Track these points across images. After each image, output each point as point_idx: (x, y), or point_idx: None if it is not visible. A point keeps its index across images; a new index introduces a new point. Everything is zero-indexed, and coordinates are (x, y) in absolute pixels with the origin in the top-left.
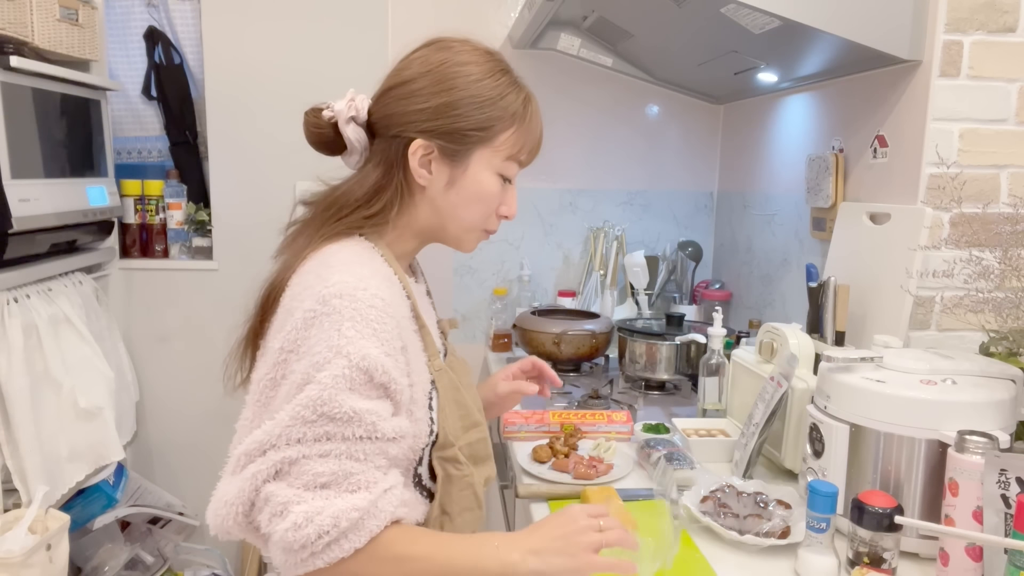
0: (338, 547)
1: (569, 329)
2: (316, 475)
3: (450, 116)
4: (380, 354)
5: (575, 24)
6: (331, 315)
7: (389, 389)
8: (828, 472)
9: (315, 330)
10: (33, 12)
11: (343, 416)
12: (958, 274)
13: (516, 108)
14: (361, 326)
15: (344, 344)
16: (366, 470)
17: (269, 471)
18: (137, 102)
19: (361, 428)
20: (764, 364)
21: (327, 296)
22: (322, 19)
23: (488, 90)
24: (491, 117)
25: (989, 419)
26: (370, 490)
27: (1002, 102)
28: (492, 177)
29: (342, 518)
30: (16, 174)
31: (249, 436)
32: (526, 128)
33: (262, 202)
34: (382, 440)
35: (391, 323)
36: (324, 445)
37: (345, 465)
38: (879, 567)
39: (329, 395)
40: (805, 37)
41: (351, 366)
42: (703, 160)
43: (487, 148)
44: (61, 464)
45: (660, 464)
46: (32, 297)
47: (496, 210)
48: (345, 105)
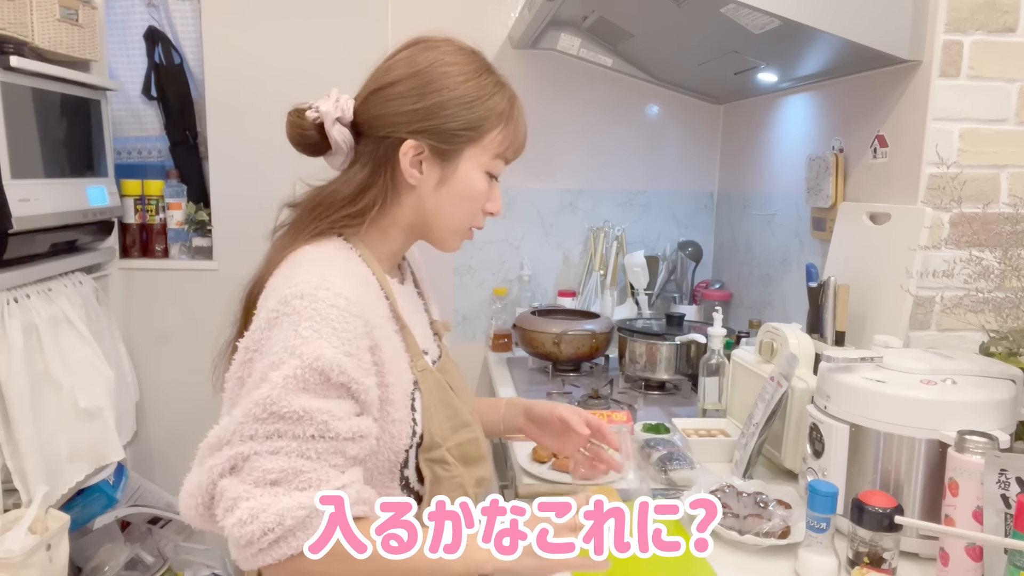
0: (285, 544)
1: (569, 329)
2: (266, 472)
3: (440, 116)
4: (337, 354)
5: (575, 24)
6: (290, 315)
7: (350, 389)
8: (828, 472)
9: (276, 331)
10: (33, 12)
11: (292, 415)
12: (958, 274)
13: (503, 107)
14: (320, 326)
15: (299, 344)
16: (317, 468)
17: (224, 466)
18: (137, 102)
19: (312, 427)
20: (764, 364)
21: (288, 296)
22: (322, 19)
23: (476, 89)
24: (480, 116)
25: (989, 419)
26: (320, 488)
27: (1002, 102)
28: (480, 175)
29: (287, 516)
30: (16, 174)
31: (211, 431)
32: (512, 126)
33: (262, 202)
34: (336, 439)
35: (355, 323)
36: (275, 443)
37: (295, 463)
38: (879, 567)
39: (278, 394)
40: (805, 37)
41: (303, 366)
42: (703, 160)
43: (476, 147)
44: (61, 464)
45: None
46: (32, 297)
47: (483, 207)
48: (331, 106)
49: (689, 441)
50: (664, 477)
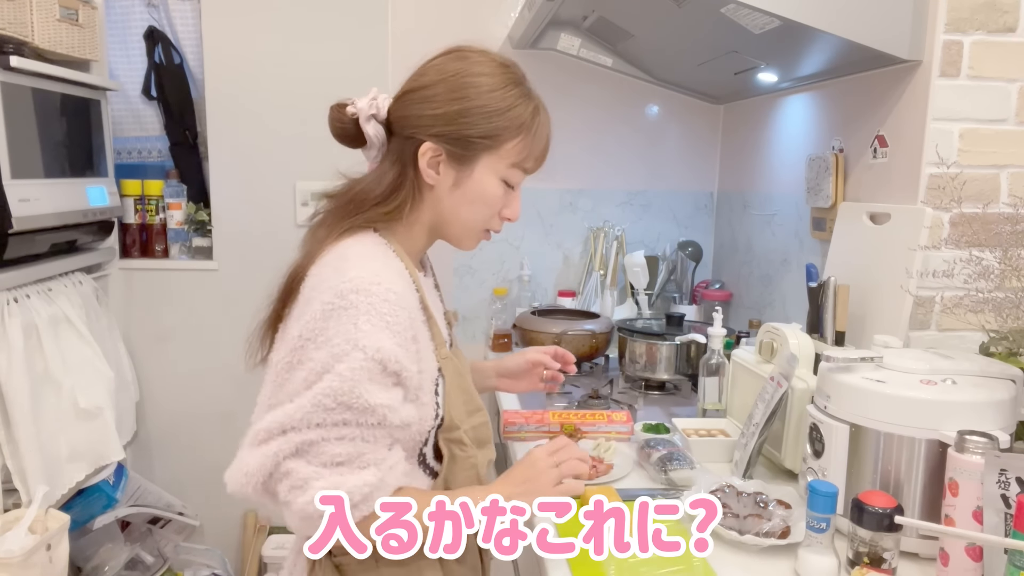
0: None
1: (569, 329)
2: (333, 455)
3: (460, 123)
4: (393, 345)
5: (575, 24)
6: (348, 309)
7: (401, 377)
8: (828, 472)
9: (333, 322)
10: (33, 12)
11: (360, 407)
12: (958, 274)
13: (524, 119)
14: (375, 320)
15: (360, 337)
16: (375, 450)
17: (290, 449)
18: (137, 102)
19: (374, 418)
20: (764, 364)
21: (344, 291)
22: (322, 19)
23: (498, 101)
24: (498, 127)
25: (989, 419)
26: (379, 467)
27: (1002, 102)
28: (496, 182)
29: (356, 493)
30: (16, 174)
31: (269, 415)
32: (532, 138)
33: (262, 202)
34: (391, 427)
35: (404, 315)
36: (341, 430)
37: (359, 447)
38: (879, 567)
39: (349, 387)
40: (805, 37)
41: (367, 359)
42: (703, 160)
43: (493, 155)
44: (61, 464)
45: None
46: (32, 297)
47: (499, 212)
48: (367, 103)
49: (689, 441)
50: (664, 477)
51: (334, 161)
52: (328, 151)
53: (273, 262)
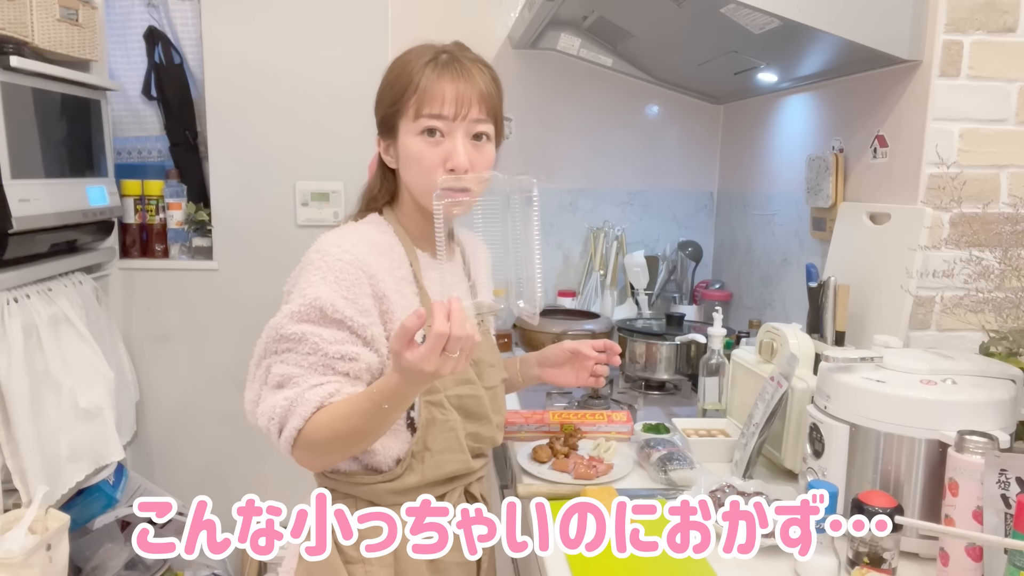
0: (285, 433)
1: (569, 329)
2: (274, 376)
3: (380, 108)
4: (332, 295)
5: (575, 24)
6: (307, 266)
7: (346, 324)
8: (828, 472)
9: (298, 278)
10: (33, 12)
11: (292, 336)
12: (958, 274)
13: (414, 76)
14: (324, 274)
15: (306, 287)
16: (305, 374)
17: (261, 377)
18: (137, 102)
19: (306, 346)
20: (764, 364)
21: (311, 252)
22: (322, 19)
23: (391, 76)
24: (395, 95)
25: (989, 419)
26: (299, 385)
27: (1002, 102)
28: (413, 139)
29: (277, 407)
30: (16, 174)
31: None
32: (425, 83)
33: (262, 202)
34: (326, 356)
35: (356, 274)
36: (283, 356)
37: (291, 370)
38: (879, 567)
39: (284, 323)
40: (805, 37)
41: (305, 304)
42: (703, 160)
43: (404, 118)
44: (61, 464)
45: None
46: (32, 297)
47: (441, 165)
48: None
49: (689, 441)
50: (664, 477)
51: (334, 161)
52: (328, 151)
53: (273, 262)
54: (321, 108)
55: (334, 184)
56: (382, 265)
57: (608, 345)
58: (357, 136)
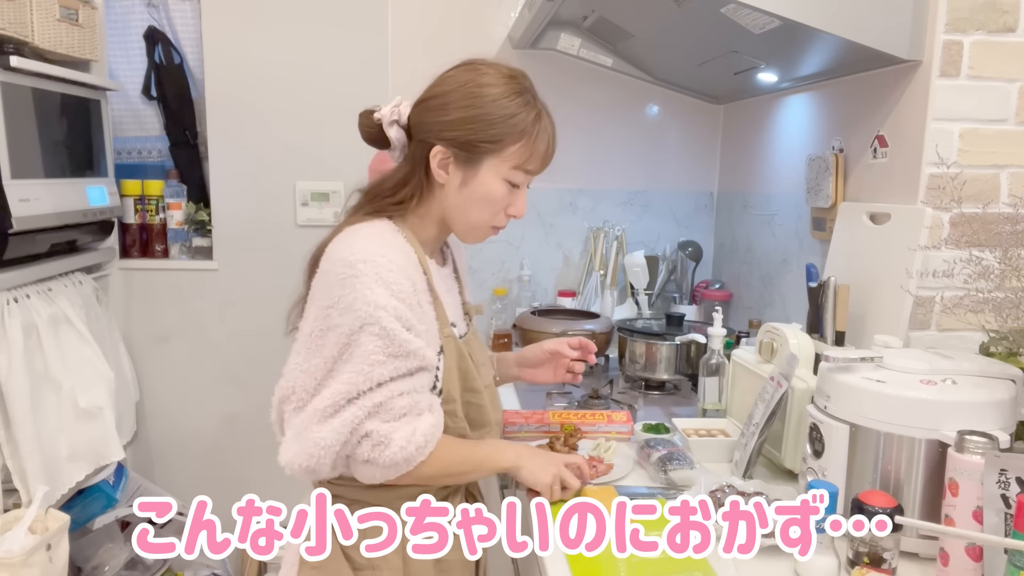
0: (424, 453)
1: (569, 329)
2: (400, 409)
3: (466, 129)
4: (400, 304)
5: (575, 24)
6: (359, 276)
7: (416, 330)
8: (828, 472)
9: (348, 289)
10: (33, 12)
11: (405, 352)
12: (958, 274)
13: (525, 125)
14: (384, 284)
15: (377, 299)
16: (425, 395)
17: (363, 414)
18: (137, 102)
19: (416, 361)
20: (764, 364)
21: (354, 261)
22: (322, 19)
23: (501, 109)
24: (501, 132)
25: (989, 419)
26: (432, 410)
27: (1002, 102)
28: (499, 183)
29: (429, 433)
30: (16, 174)
31: (327, 391)
32: (533, 142)
33: (262, 202)
34: (428, 369)
35: (407, 283)
36: (400, 384)
37: (414, 398)
38: (879, 567)
39: (390, 339)
40: (805, 37)
41: (390, 316)
42: (703, 160)
43: (496, 158)
44: (61, 464)
45: None
46: (32, 297)
47: (504, 210)
48: (389, 110)
49: (689, 441)
50: (664, 477)
51: (334, 161)
52: (328, 151)
53: (273, 262)
54: (321, 108)
55: (334, 184)
56: (414, 276)
57: (583, 343)
58: (357, 136)
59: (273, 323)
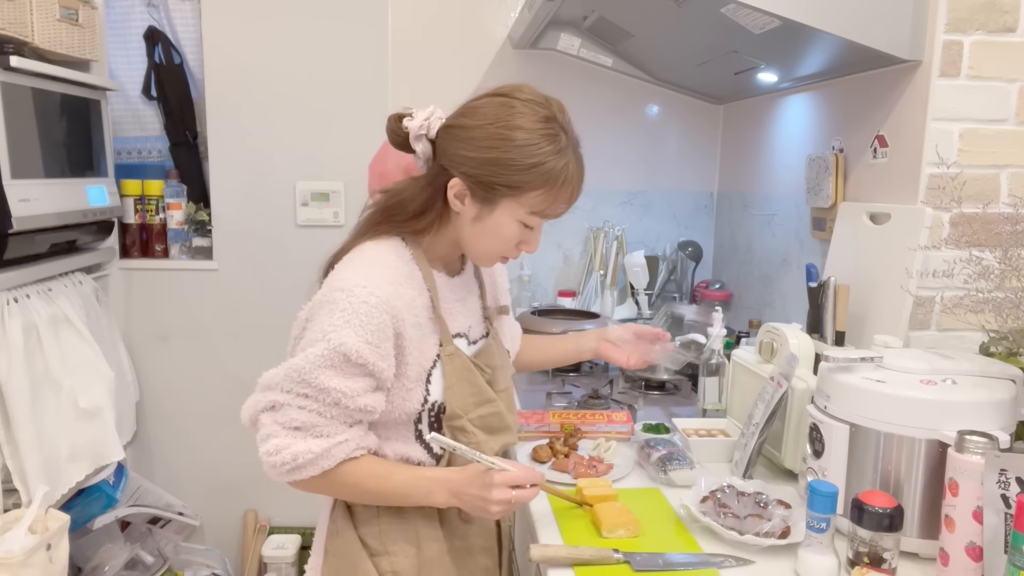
0: (297, 474)
1: (569, 329)
2: (291, 419)
3: (488, 170)
4: (358, 341)
5: (575, 24)
6: (331, 304)
7: (367, 369)
8: (828, 472)
9: (321, 312)
10: (33, 12)
11: (316, 386)
12: (958, 274)
13: (550, 175)
14: (349, 317)
15: (330, 331)
16: (331, 425)
17: (265, 404)
18: (137, 102)
19: (330, 398)
20: (764, 364)
21: (334, 287)
22: (322, 19)
23: (527, 157)
24: (522, 180)
25: (989, 419)
26: (329, 439)
27: (1002, 102)
28: (513, 223)
29: (300, 456)
30: (16, 174)
31: (276, 368)
32: (556, 191)
33: (262, 202)
34: (347, 410)
35: (382, 318)
36: (303, 401)
37: (314, 419)
38: (879, 567)
39: (308, 368)
40: (805, 37)
41: (331, 349)
42: (703, 160)
43: (514, 201)
44: (61, 464)
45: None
46: (32, 297)
47: (515, 246)
48: (419, 124)
49: (689, 441)
50: (664, 477)
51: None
52: (328, 151)
53: (273, 262)
54: (321, 108)
55: (334, 184)
56: (404, 300)
57: (661, 335)
58: (357, 136)
59: (273, 322)
